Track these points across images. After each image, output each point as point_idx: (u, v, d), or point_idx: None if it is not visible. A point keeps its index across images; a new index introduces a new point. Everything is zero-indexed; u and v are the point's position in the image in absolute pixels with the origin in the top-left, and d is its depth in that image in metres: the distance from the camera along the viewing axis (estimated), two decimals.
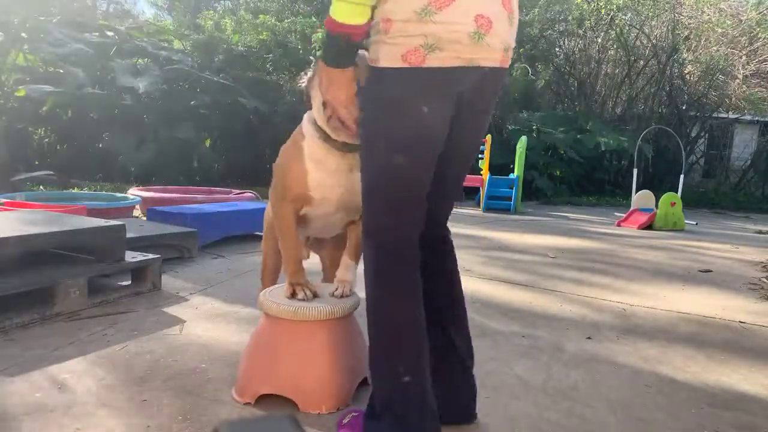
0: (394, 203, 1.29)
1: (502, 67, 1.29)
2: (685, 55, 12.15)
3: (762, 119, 13.27)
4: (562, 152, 10.97)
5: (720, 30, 11.88)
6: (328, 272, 1.99)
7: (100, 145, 8.82)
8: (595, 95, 13.09)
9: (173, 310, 2.36)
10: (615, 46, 12.68)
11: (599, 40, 12.75)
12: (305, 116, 1.63)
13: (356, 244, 1.66)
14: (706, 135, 13.54)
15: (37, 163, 8.47)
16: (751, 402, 1.71)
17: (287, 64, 10.94)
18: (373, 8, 1.20)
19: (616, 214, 7.88)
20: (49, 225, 2.37)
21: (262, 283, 1.98)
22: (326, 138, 1.51)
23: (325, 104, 1.44)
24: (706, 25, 11.82)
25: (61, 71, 8.23)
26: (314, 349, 1.52)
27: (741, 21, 11.87)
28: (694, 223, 7.41)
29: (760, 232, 6.89)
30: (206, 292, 2.68)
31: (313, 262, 2.02)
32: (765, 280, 3.61)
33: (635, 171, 8.04)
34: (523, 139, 8.44)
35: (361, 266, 1.38)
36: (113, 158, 8.41)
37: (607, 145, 10.45)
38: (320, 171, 1.55)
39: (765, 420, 1.59)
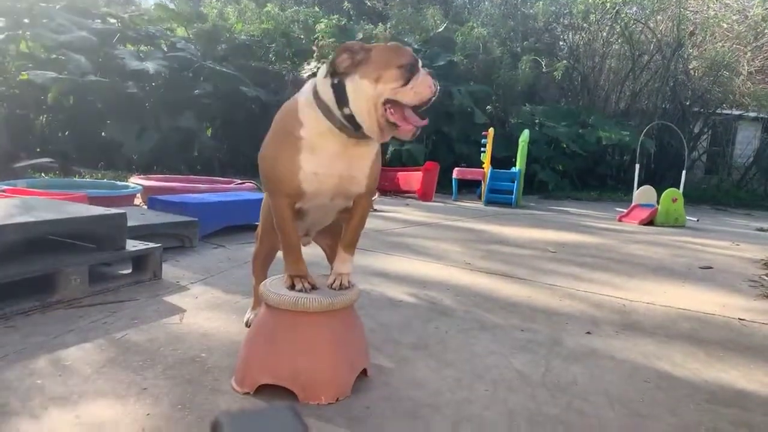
0: None
1: None
2: (689, 51, 12.09)
3: (766, 116, 13.22)
4: (565, 146, 10.94)
5: (725, 25, 11.81)
6: (330, 261, 1.99)
7: (102, 133, 8.80)
8: (598, 90, 13.03)
9: (173, 299, 2.37)
10: (619, 41, 12.62)
11: (604, 35, 12.68)
12: (302, 98, 1.49)
13: (351, 235, 1.62)
14: (709, 131, 13.49)
15: (38, 150, 8.46)
16: (750, 399, 1.71)
17: (290, 54, 10.92)
18: None
19: (617, 209, 7.87)
20: (50, 212, 2.37)
21: (253, 266, 1.97)
22: (342, 126, 1.43)
23: (386, 101, 1.38)
24: (711, 21, 11.75)
25: (63, 58, 8.20)
26: (314, 340, 1.52)
27: (747, 17, 11.79)
28: (696, 219, 7.40)
29: (761, 229, 6.88)
30: (207, 281, 2.69)
31: (315, 253, 2.02)
32: (765, 277, 3.61)
33: (637, 166, 8.01)
34: (526, 132, 8.40)
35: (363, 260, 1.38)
36: (115, 146, 8.41)
37: (608, 139, 10.42)
38: (315, 161, 1.45)
39: (763, 417, 1.59)
